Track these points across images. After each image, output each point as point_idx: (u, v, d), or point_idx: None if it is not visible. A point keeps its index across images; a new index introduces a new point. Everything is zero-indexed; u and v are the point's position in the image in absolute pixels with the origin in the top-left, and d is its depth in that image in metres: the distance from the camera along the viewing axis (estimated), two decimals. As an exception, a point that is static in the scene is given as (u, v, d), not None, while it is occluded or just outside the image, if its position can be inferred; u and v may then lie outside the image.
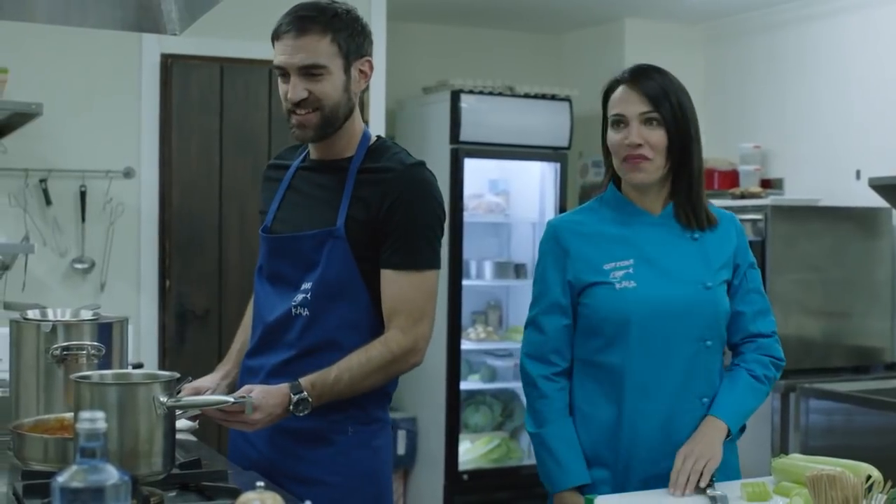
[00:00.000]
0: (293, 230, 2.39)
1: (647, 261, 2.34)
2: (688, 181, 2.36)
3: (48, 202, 4.78)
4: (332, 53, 2.30)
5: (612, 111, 2.36)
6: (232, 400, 2.09)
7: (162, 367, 4.93)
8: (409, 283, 2.29)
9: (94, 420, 1.32)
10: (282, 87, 2.34)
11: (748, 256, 2.42)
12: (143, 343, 4.94)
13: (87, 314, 2.59)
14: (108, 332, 2.47)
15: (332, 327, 2.31)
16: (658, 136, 2.31)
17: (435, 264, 2.34)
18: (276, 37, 2.34)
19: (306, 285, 2.33)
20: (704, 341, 2.32)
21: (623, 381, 2.31)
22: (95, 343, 2.44)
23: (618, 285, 2.32)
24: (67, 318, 2.56)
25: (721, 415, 2.31)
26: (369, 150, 2.39)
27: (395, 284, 2.30)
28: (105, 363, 2.43)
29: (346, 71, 2.33)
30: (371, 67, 2.39)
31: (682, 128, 2.32)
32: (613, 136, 2.34)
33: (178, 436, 2.52)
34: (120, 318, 2.56)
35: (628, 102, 2.32)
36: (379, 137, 2.47)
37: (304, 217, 2.39)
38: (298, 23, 2.29)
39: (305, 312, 2.32)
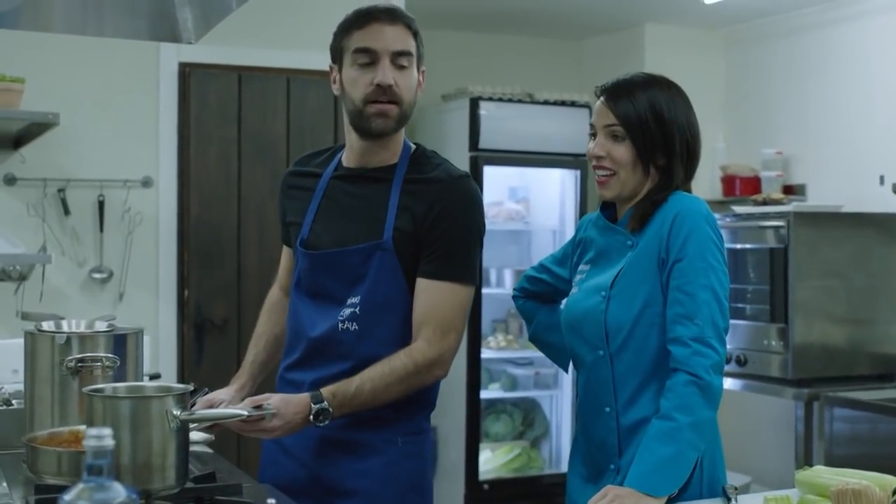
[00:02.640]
0: (336, 244, 2.34)
1: (595, 266, 2.33)
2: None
3: (66, 212, 4.76)
4: (414, 49, 2.32)
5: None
6: (245, 413, 2.05)
7: (180, 377, 4.92)
8: (442, 294, 2.26)
9: (100, 437, 1.29)
10: (362, 74, 2.29)
11: (677, 250, 2.15)
12: (161, 353, 4.92)
13: (102, 325, 2.56)
14: (123, 344, 2.45)
15: (382, 341, 2.28)
16: (621, 150, 2.24)
17: (470, 279, 2.31)
18: (358, 25, 2.30)
19: (353, 300, 2.29)
20: (597, 350, 2.25)
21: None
22: (110, 355, 2.41)
23: (574, 289, 2.34)
24: (82, 329, 2.53)
25: (632, 482, 2.07)
26: (411, 159, 2.36)
27: (426, 294, 2.27)
28: (120, 375, 2.41)
29: (418, 72, 2.35)
30: (424, 78, 2.40)
31: (656, 143, 2.23)
32: (588, 145, 2.32)
33: (194, 447, 2.51)
34: (135, 330, 2.53)
35: (598, 114, 2.28)
36: (417, 146, 2.43)
37: (346, 229, 2.34)
38: (389, 12, 2.30)
39: (354, 327, 2.29)
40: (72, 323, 2.57)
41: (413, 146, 2.41)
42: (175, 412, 1.94)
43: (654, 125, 2.22)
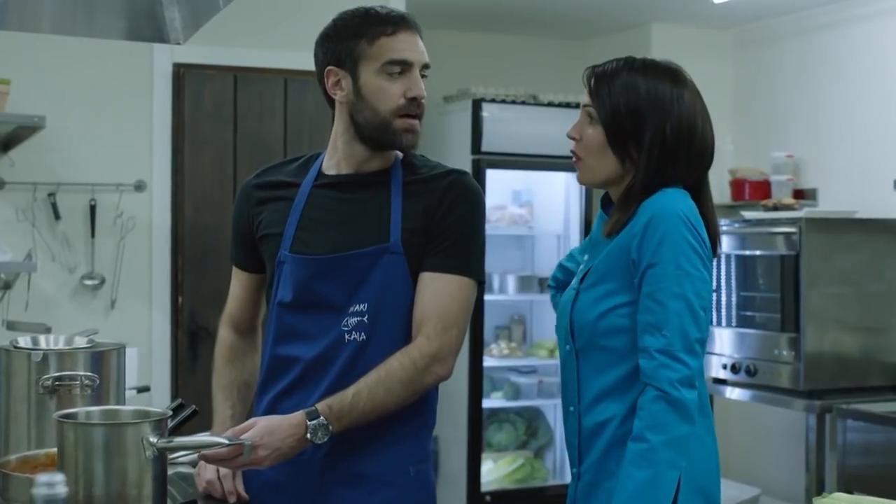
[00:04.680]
0: (332, 250, 2.18)
1: (587, 260, 2.23)
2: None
3: (57, 217, 4.68)
4: None
5: None
6: (226, 441, 1.92)
7: (174, 386, 4.83)
8: (445, 288, 2.15)
9: (52, 485, 1.17)
10: (392, 84, 2.17)
11: (648, 254, 2.01)
12: (155, 361, 4.83)
13: (82, 341, 2.45)
14: (103, 361, 2.35)
15: (389, 351, 2.13)
16: (591, 132, 2.12)
17: (475, 273, 2.20)
18: (386, 31, 2.17)
19: (359, 307, 2.15)
20: (565, 345, 2.16)
21: None
22: (89, 374, 2.31)
23: (574, 283, 2.24)
24: (61, 345, 2.43)
25: None
26: (404, 164, 2.26)
27: (429, 288, 2.15)
28: (100, 394, 2.31)
29: None
30: None
31: (625, 130, 2.08)
32: None
33: (181, 469, 2.40)
34: (116, 346, 2.44)
35: (583, 94, 2.20)
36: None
37: (342, 235, 2.19)
38: (413, 24, 2.21)
39: (362, 337, 2.15)
40: (50, 339, 2.47)
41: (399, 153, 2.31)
42: (152, 440, 1.84)
43: (623, 109, 2.09)
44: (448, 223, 2.17)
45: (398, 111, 2.16)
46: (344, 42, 2.19)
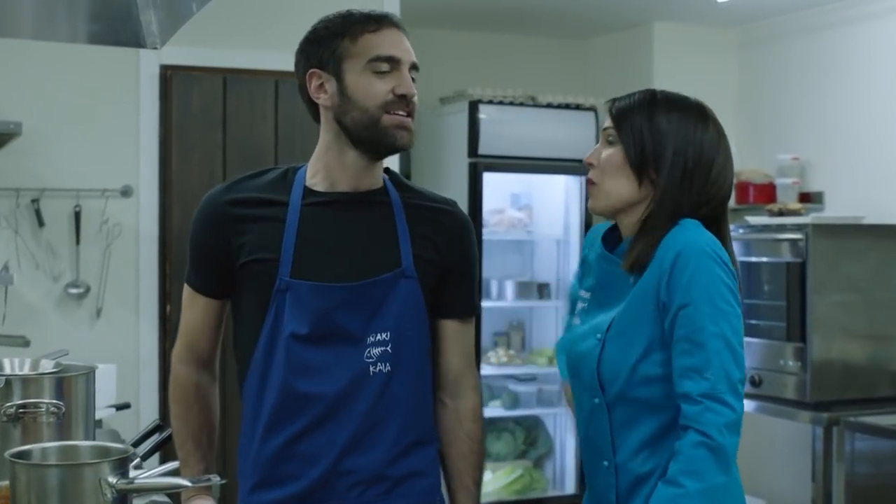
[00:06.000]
0: (344, 276, 2.05)
1: (595, 297, 2.13)
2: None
3: (41, 223, 4.60)
4: None
5: None
6: (188, 484, 1.79)
7: (162, 398, 4.72)
8: (470, 333, 2.22)
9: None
10: (379, 82, 2.05)
11: (679, 294, 1.93)
12: (142, 372, 4.74)
13: (48, 365, 2.34)
14: (71, 387, 2.23)
15: (410, 381, 2.10)
16: (609, 152, 2.06)
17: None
18: (369, 28, 2.07)
19: (381, 336, 2.06)
20: (593, 398, 2.05)
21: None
22: (55, 401, 2.18)
23: (574, 319, 2.17)
24: (26, 370, 2.32)
25: None
26: (394, 183, 2.18)
27: (461, 337, 2.20)
28: (67, 423, 2.19)
29: None
30: None
31: (645, 149, 2.03)
32: None
33: (156, 497, 2.27)
34: (85, 370, 2.31)
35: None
36: (385, 168, 2.23)
37: (352, 259, 2.06)
38: (396, 20, 2.13)
39: (387, 368, 2.06)
40: (15, 363, 2.36)
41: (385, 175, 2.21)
42: (111, 480, 1.72)
43: (645, 127, 2.03)
44: (461, 264, 2.18)
45: (386, 106, 2.04)
46: (326, 43, 2.08)
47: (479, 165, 5.52)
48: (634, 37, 6.19)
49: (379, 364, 2.05)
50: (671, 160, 2.01)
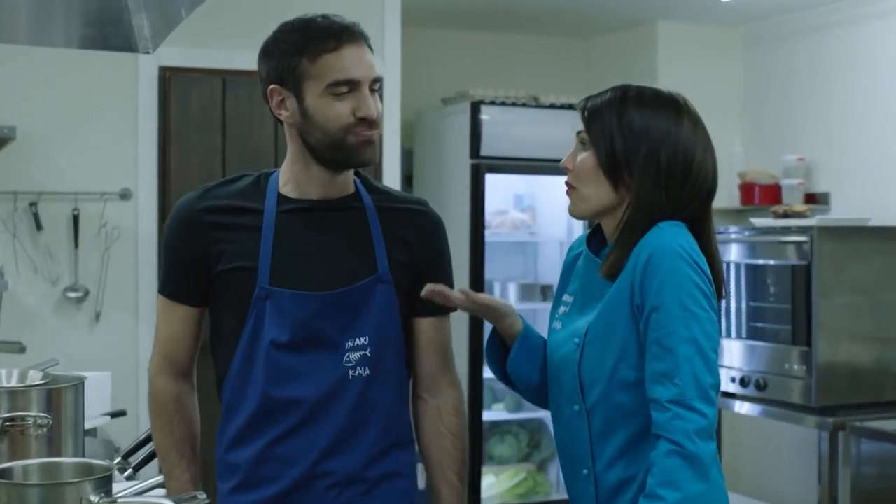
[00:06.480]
0: (322, 284, 2.07)
1: (576, 301, 2.09)
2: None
3: (39, 227, 4.58)
4: None
5: None
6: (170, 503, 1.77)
7: (160, 402, 4.68)
8: (446, 330, 2.22)
9: None
10: (339, 104, 2.04)
11: (651, 297, 1.89)
12: (140, 378, 4.68)
13: (36, 376, 2.31)
14: (60, 398, 2.20)
15: (389, 383, 2.13)
16: (583, 157, 2.02)
17: None
18: (328, 48, 2.04)
19: (359, 340, 2.08)
20: (572, 405, 2.02)
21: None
22: (42, 414, 2.15)
23: (555, 323, 2.12)
24: (14, 381, 2.29)
25: None
26: (365, 186, 2.19)
27: (436, 333, 2.20)
28: (56, 435, 2.16)
29: None
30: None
31: (616, 150, 1.98)
32: None
33: (147, 497, 2.25)
34: (74, 381, 2.28)
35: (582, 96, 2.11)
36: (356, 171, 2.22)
37: (329, 266, 2.09)
38: (358, 34, 2.08)
39: (366, 372, 2.09)
40: (2, 374, 2.32)
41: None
42: (93, 499, 1.70)
43: (618, 138, 1.98)
44: (435, 262, 2.19)
45: (349, 128, 2.04)
46: (285, 59, 2.07)
47: (481, 167, 5.50)
48: (638, 36, 6.16)
49: (358, 368, 2.08)
50: (644, 161, 1.97)
